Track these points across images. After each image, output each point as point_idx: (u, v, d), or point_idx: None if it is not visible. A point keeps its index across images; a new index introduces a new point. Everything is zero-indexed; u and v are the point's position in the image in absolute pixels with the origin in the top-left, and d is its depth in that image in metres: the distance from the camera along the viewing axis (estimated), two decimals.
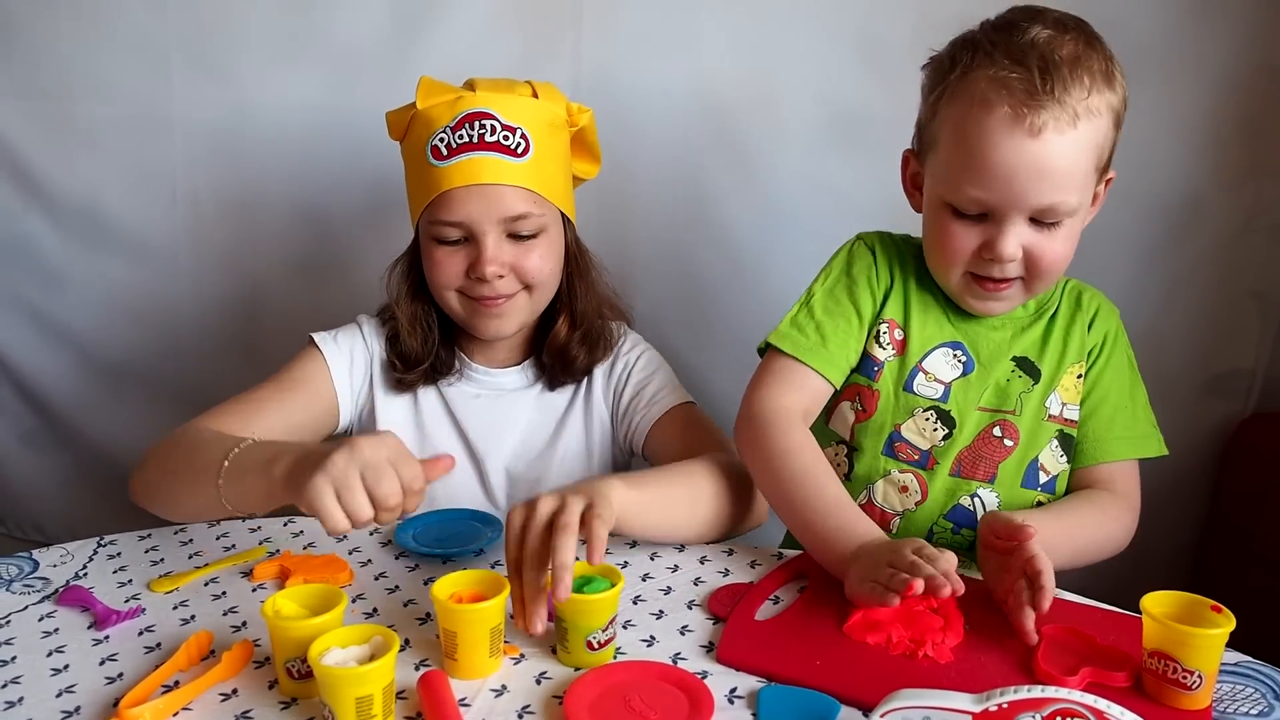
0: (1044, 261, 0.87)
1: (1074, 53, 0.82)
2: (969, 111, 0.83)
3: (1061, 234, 0.87)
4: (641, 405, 1.09)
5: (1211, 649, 0.66)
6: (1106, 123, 0.84)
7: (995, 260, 0.87)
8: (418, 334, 1.08)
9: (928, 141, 0.91)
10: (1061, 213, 0.85)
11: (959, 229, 0.88)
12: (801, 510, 0.86)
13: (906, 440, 0.95)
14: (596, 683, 0.69)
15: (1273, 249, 1.44)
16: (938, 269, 0.93)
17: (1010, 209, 0.84)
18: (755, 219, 1.48)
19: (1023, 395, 0.93)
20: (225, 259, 1.54)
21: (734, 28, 1.42)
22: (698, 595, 0.85)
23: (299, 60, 1.45)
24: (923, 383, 0.94)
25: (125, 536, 0.95)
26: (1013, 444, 0.94)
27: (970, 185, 0.84)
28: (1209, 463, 1.50)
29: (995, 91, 0.81)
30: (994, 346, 0.95)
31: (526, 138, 1.01)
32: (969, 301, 0.93)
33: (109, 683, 0.72)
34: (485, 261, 1.00)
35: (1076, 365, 0.96)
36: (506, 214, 1.00)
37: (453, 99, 1.01)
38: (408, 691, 0.70)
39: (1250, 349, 1.48)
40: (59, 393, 1.61)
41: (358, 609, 0.82)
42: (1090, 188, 0.87)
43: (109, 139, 1.48)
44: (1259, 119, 1.39)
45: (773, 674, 0.72)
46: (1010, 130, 0.81)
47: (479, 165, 0.99)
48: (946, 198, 0.87)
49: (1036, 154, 0.81)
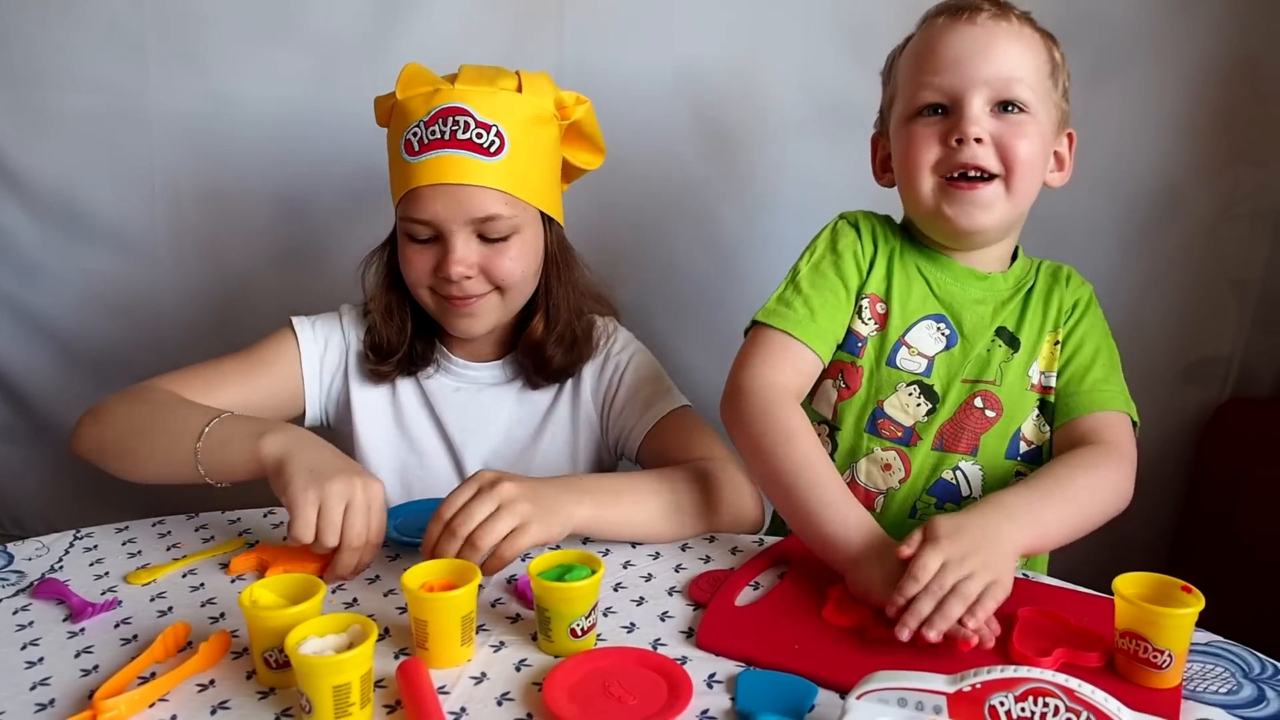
0: (1015, 151, 0.88)
1: (1006, 5, 0.92)
2: (918, 38, 0.94)
3: (1028, 129, 0.89)
4: (635, 412, 1.06)
5: (1181, 628, 0.67)
6: (1044, 52, 0.91)
7: (963, 140, 0.88)
8: (392, 325, 1.07)
9: (887, 104, 0.97)
10: (1018, 96, 0.88)
11: (922, 126, 0.90)
12: (798, 499, 0.84)
13: (889, 416, 0.95)
14: (575, 669, 0.69)
15: (1250, 237, 1.46)
16: (913, 190, 0.92)
17: (967, 86, 0.88)
18: (738, 207, 1.48)
19: (1003, 365, 0.94)
20: (204, 250, 1.53)
21: (717, 16, 1.42)
22: (679, 582, 0.85)
23: (278, 48, 1.44)
24: (906, 357, 0.94)
25: (102, 529, 0.95)
26: (995, 415, 0.94)
27: (925, 75, 0.90)
28: (1187, 448, 1.52)
29: (936, 14, 0.92)
30: (977, 318, 0.95)
31: (501, 135, 0.98)
32: (947, 214, 0.91)
33: (84, 675, 0.71)
34: (451, 263, 0.98)
35: (1053, 333, 0.96)
36: (475, 215, 0.98)
37: (430, 91, 0.99)
38: (387, 680, 0.70)
39: (1228, 336, 1.50)
40: (37, 386, 1.60)
41: (337, 599, 0.82)
42: (1046, 100, 0.91)
43: (85, 128, 1.47)
44: (1237, 109, 1.40)
45: (752, 659, 0.72)
46: (953, 23, 0.90)
47: (447, 164, 0.97)
48: (908, 110, 0.92)
49: (978, 34, 0.89)
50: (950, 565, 0.72)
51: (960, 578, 0.71)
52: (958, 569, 0.72)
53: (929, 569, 0.72)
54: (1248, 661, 0.73)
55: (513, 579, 0.85)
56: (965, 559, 0.72)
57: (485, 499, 0.79)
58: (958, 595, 0.71)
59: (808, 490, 0.83)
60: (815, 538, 0.82)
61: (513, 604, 0.81)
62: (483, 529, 0.78)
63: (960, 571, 0.72)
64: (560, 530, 0.83)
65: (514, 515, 0.79)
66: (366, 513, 0.81)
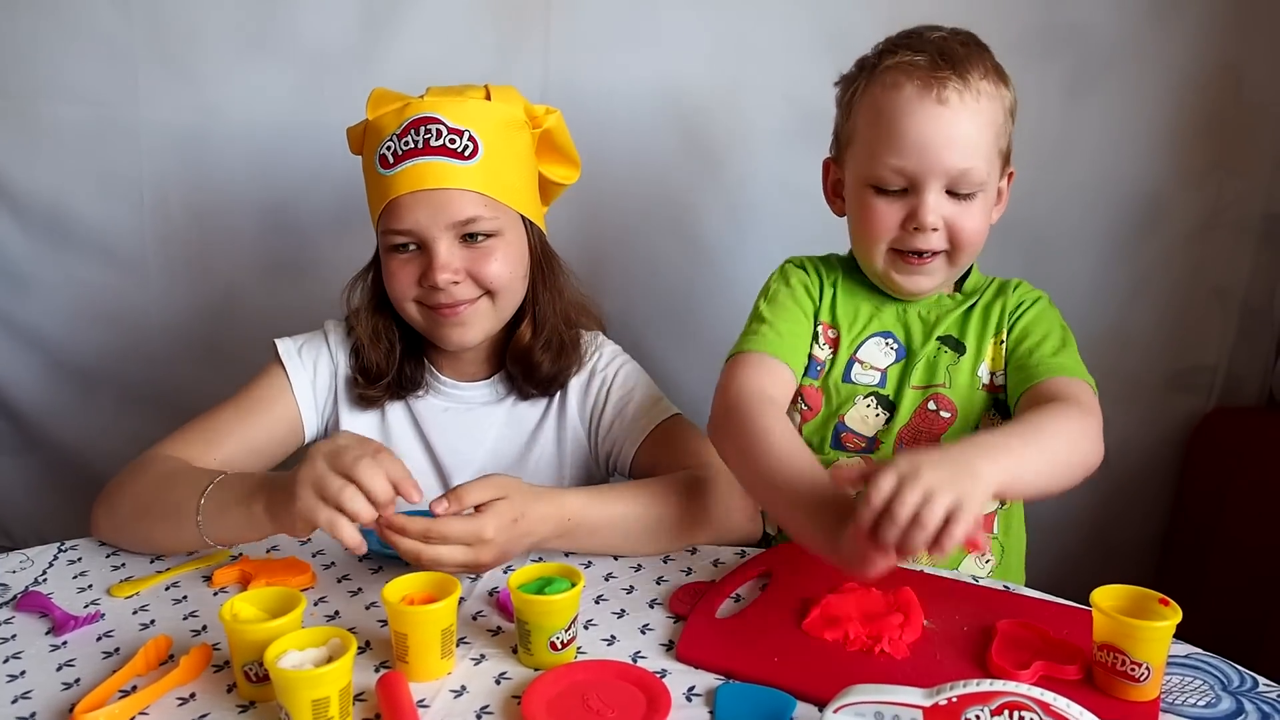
0: (963, 234, 0.93)
1: (966, 50, 0.92)
2: (881, 94, 0.92)
3: (976, 208, 0.93)
4: (624, 426, 1.06)
5: (1158, 641, 0.67)
6: (1002, 110, 0.93)
7: (919, 229, 0.92)
8: (380, 349, 1.06)
9: (845, 139, 0.99)
10: (973, 181, 0.91)
11: (882, 205, 0.93)
12: (771, 479, 0.82)
13: (851, 430, 0.98)
14: (555, 682, 0.70)
15: (1234, 246, 1.46)
16: (864, 251, 0.97)
17: (927, 175, 0.90)
18: (724, 218, 1.49)
19: (950, 368, 0.97)
20: (193, 261, 1.53)
21: (702, 27, 1.43)
22: (660, 594, 0.85)
23: (266, 61, 1.44)
24: (860, 371, 0.99)
25: (86, 541, 0.95)
26: (950, 415, 0.96)
27: (889, 155, 0.91)
28: (1173, 457, 1.52)
29: (903, 73, 0.91)
30: (921, 332, 0.99)
31: (475, 139, 0.98)
32: (895, 279, 0.96)
33: (66, 688, 0.71)
34: (437, 269, 0.98)
35: (998, 334, 0.98)
36: (455, 218, 0.98)
37: (400, 106, 1.00)
38: (367, 693, 0.70)
39: (1213, 345, 1.50)
40: (25, 396, 1.60)
41: (319, 611, 0.82)
42: (995, 166, 0.94)
43: (74, 140, 1.47)
44: (1219, 118, 1.41)
45: (731, 671, 0.72)
46: (920, 101, 0.90)
47: (424, 170, 0.97)
48: (868, 177, 0.93)
49: (945, 121, 0.89)
50: (907, 480, 0.67)
51: (921, 497, 0.67)
52: (914, 485, 0.67)
53: (882, 489, 0.68)
54: (1226, 674, 0.73)
55: (494, 591, 0.85)
56: (920, 473, 0.68)
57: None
58: (919, 524, 0.66)
59: (778, 461, 0.82)
60: (780, 503, 0.82)
61: (494, 616, 0.81)
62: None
63: (918, 488, 0.67)
64: (507, 555, 0.82)
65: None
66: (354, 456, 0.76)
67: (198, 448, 0.97)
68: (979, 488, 0.70)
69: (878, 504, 0.68)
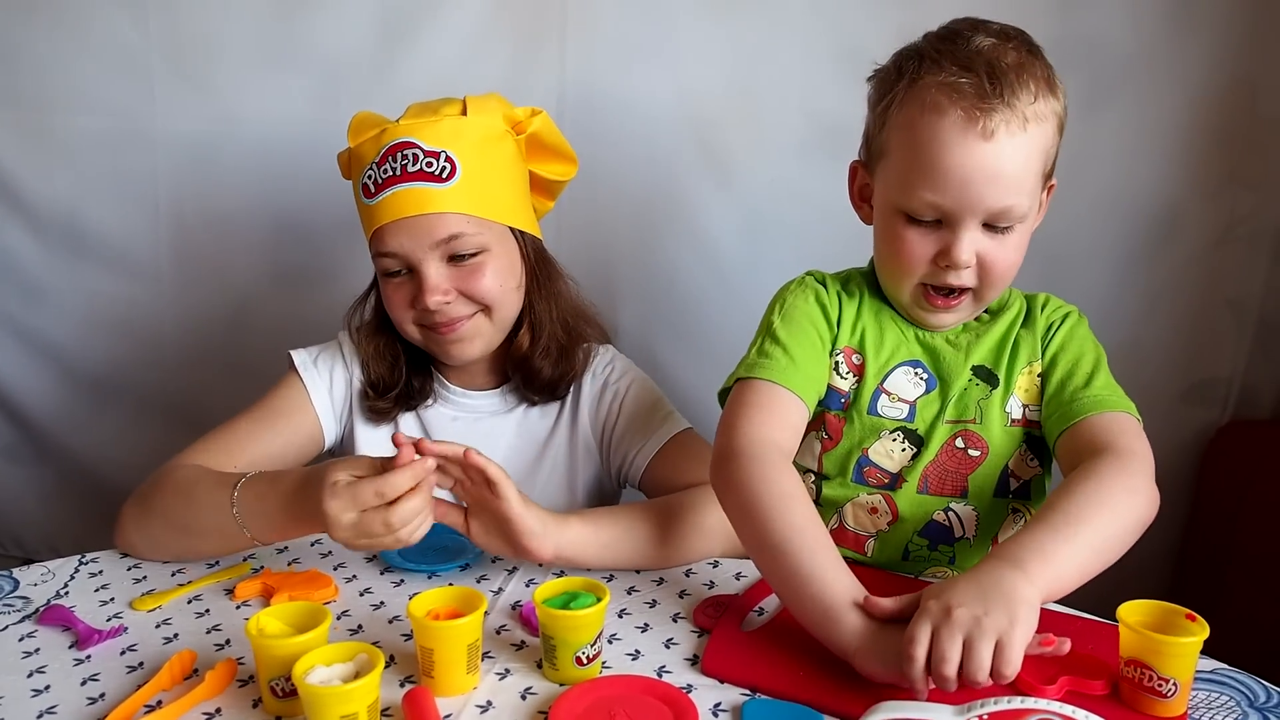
0: (996, 270, 0.87)
1: (1018, 60, 0.83)
2: (920, 117, 0.84)
3: (1013, 241, 0.87)
4: (637, 440, 1.06)
5: (1186, 657, 0.67)
6: (1052, 128, 0.86)
7: (951, 267, 0.86)
8: (384, 365, 1.08)
9: (877, 151, 0.91)
10: (1014, 217, 0.85)
11: (914, 236, 0.87)
12: (789, 564, 0.76)
13: (875, 464, 0.93)
14: (581, 698, 0.69)
15: (1249, 259, 1.46)
16: (891, 280, 0.92)
17: (965, 213, 0.84)
18: (739, 230, 1.49)
19: (981, 402, 0.92)
20: (208, 271, 1.53)
21: (717, 39, 1.43)
22: (683, 608, 0.85)
23: (282, 71, 1.45)
24: (886, 404, 0.93)
25: (107, 554, 0.95)
26: (979, 454, 0.92)
27: (925, 190, 0.84)
28: (1188, 470, 1.52)
29: (946, 96, 0.82)
30: (953, 359, 0.93)
31: (452, 160, 0.98)
32: (919, 315, 0.92)
33: (91, 703, 0.71)
34: (427, 291, 0.99)
35: (1031, 365, 0.94)
36: (437, 238, 0.98)
37: (377, 133, 1.01)
38: (393, 709, 0.70)
39: (1227, 357, 1.50)
40: (40, 406, 1.60)
41: (342, 625, 0.82)
42: (1039, 192, 0.88)
43: (90, 150, 1.48)
44: (1234, 131, 1.41)
45: (757, 685, 0.72)
46: (964, 134, 0.81)
47: (403, 198, 0.98)
48: (900, 205, 0.87)
49: (990, 156, 0.82)
50: (942, 629, 0.65)
51: (959, 643, 0.64)
52: (951, 633, 0.65)
53: (920, 642, 0.65)
54: (1253, 690, 0.73)
55: (517, 605, 0.85)
56: (955, 614, 0.65)
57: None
58: (969, 678, 0.64)
59: (799, 555, 0.76)
60: (805, 606, 0.75)
61: (517, 630, 0.81)
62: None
63: (956, 634, 0.64)
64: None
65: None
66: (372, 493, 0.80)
67: (218, 458, 0.98)
68: (1020, 610, 0.66)
69: (920, 661, 0.65)
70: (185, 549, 0.93)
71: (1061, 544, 0.73)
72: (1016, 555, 0.71)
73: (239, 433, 1.02)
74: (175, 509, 0.92)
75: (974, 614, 0.65)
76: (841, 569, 0.76)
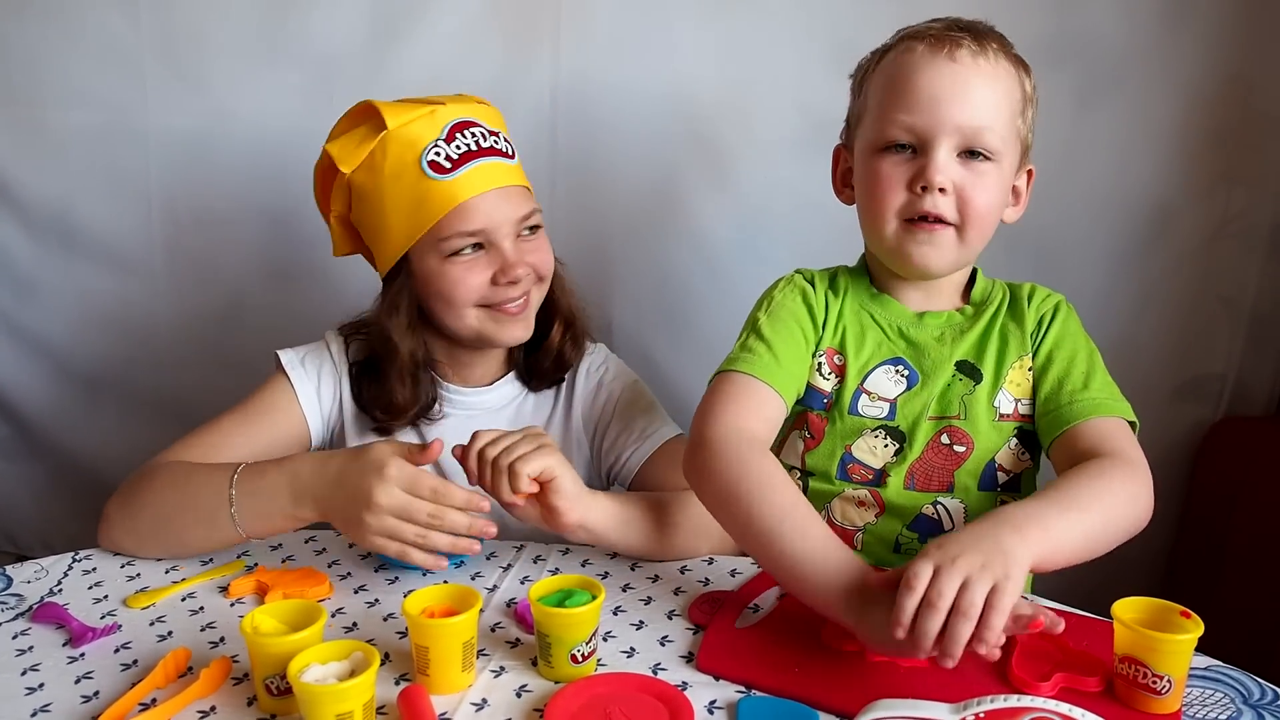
0: (974, 205, 0.88)
1: (986, 28, 0.91)
2: (894, 60, 0.91)
3: (990, 180, 0.89)
4: (630, 442, 1.07)
5: (1180, 654, 0.68)
6: (1019, 88, 0.90)
7: (927, 188, 0.87)
8: (408, 380, 1.05)
9: (855, 118, 0.96)
10: (987, 145, 0.87)
11: (890, 165, 0.89)
12: (781, 546, 0.77)
13: (859, 461, 0.93)
14: (576, 695, 0.69)
15: (1242, 255, 1.47)
16: (874, 225, 0.92)
17: (937, 130, 0.87)
18: (733, 225, 1.49)
19: (965, 398, 0.92)
20: (201, 267, 1.53)
21: (711, 34, 1.43)
22: (678, 605, 0.85)
23: (275, 67, 1.44)
24: (867, 403, 0.93)
25: (100, 552, 0.95)
26: (965, 449, 0.92)
27: (898, 111, 0.88)
28: (1182, 466, 1.53)
29: (917, 40, 0.89)
30: (937, 355, 0.94)
31: (509, 140, 1.04)
32: (906, 254, 0.91)
33: (85, 701, 0.71)
34: (513, 264, 1.01)
35: (1021, 359, 0.94)
36: (520, 213, 1.02)
37: (428, 112, 1.00)
38: (388, 707, 0.70)
39: (1221, 354, 1.50)
40: (32, 402, 1.60)
41: (337, 623, 0.82)
42: (1012, 146, 0.90)
43: (82, 146, 1.47)
44: (1228, 128, 1.42)
45: (752, 682, 0.72)
46: (932, 57, 0.88)
47: (490, 170, 1.00)
48: (877, 140, 0.90)
49: (959, 75, 0.87)
50: (944, 569, 0.66)
51: (958, 583, 0.65)
52: (951, 572, 0.66)
53: (921, 576, 0.66)
54: (1247, 687, 0.73)
55: (512, 603, 0.85)
56: (958, 561, 0.66)
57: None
58: (961, 613, 0.65)
59: (791, 537, 0.76)
60: (803, 586, 0.76)
61: (512, 628, 0.81)
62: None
63: (955, 575, 0.66)
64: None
65: None
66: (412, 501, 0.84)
67: (203, 456, 0.97)
68: (1014, 568, 0.67)
69: (919, 593, 0.66)
70: (174, 543, 0.92)
71: (1061, 521, 0.75)
72: (1017, 520, 0.72)
73: (224, 430, 1.01)
74: (167, 501, 0.91)
75: (973, 561, 0.67)
76: (834, 543, 0.76)
